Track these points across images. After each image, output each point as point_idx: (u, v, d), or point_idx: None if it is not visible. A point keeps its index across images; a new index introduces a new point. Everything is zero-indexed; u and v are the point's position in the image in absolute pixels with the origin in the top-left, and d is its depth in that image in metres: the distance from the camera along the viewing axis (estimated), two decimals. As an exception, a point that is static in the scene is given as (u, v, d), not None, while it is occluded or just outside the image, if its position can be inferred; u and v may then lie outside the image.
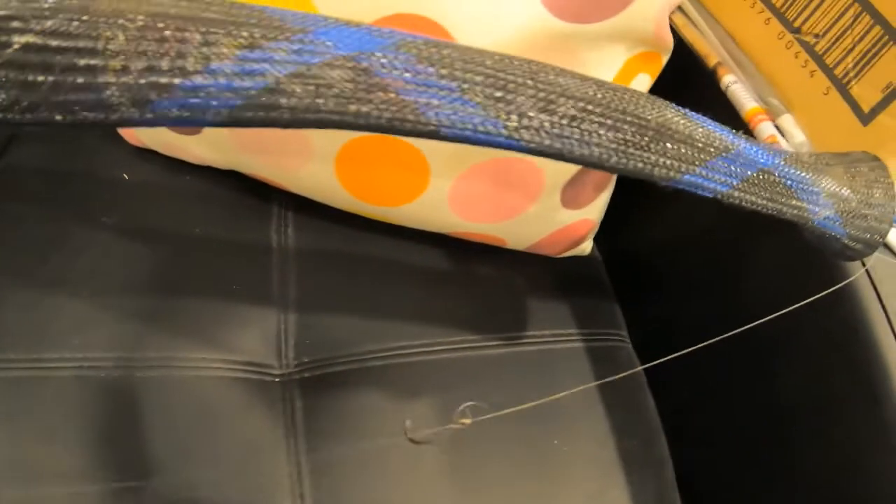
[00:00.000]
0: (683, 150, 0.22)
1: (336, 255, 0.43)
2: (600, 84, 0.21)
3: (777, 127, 0.37)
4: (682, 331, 0.47)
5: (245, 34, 0.15)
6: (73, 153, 0.47)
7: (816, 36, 0.37)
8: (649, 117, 0.22)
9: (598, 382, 0.40)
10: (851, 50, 0.36)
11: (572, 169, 0.39)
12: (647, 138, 0.21)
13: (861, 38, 0.36)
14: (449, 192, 0.38)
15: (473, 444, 0.37)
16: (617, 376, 0.33)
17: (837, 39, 0.36)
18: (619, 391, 0.44)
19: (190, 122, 0.18)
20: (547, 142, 0.19)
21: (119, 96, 0.16)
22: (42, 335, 0.36)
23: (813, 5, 0.37)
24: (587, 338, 0.44)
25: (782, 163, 0.26)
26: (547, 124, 0.19)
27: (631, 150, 0.20)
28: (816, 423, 0.37)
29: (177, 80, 0.15)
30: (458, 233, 0.43)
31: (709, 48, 0.41)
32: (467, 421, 0.24)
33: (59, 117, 0.16)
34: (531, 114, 0.19)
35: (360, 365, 0.39)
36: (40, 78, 0.16)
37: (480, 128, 0.18)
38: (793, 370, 0.38)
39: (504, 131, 0.19)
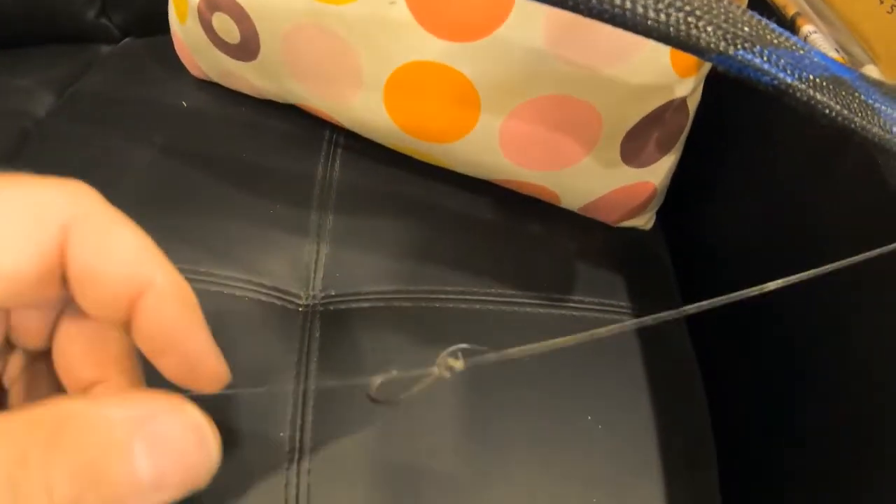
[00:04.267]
0: (739, 27, 0.19)
1: (379, 195, 0.42)
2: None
3: (861, 79, 0.33)
4: (746, 324, 0.42)
5: None
6: (137, 82, 0.49)
7: (914, -21, 0.33)
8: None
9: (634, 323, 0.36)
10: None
11: (633, 117, 0.36)
12: (691, 6, 0.18)
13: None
14: (500, 129, 0.36)
15: (493, 404, 0.34)
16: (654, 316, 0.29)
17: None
18: (670, 380, 0.40)
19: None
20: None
21: None
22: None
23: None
24: (635, 314, 0.41)
25: (860, 79, 0.22)
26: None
27: (672, 10, 0.18)
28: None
29: None
30: (508, 181, 0.40)
31: (787, -3, 0.37)
32: (459, 364, 0.19)
33: None
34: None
35: (386, 304, 0.37)
36: None
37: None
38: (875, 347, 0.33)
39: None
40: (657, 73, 0.34)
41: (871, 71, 0.33)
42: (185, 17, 0.42)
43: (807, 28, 0.36)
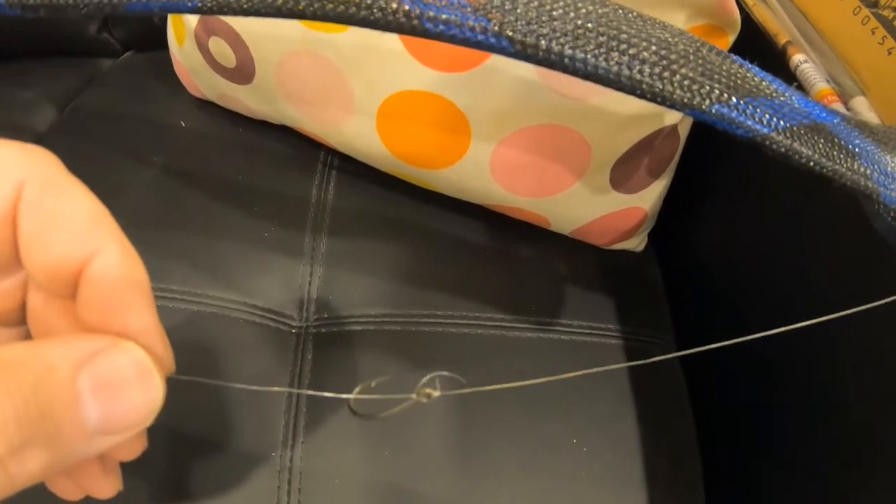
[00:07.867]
0: (715, 80, 0.19)
1: (373, 218, 0.42)
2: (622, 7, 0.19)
3: (849, 109, 0.33)
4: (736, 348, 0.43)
5: None
6: (137, 100, 0.49)
7: (896, 9, 0.33)
8: (676, 41, 0.19)
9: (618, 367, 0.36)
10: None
11: (623, 145, 0.36)
12: (667, 60, 0.19)
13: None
14: (490, 157, 0.37)
15: (481, 425, 0.35)
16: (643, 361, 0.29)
17: (928, 17, 0.32)
18: (656, 402, 0.40)
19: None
20: (542, 43, 0.17)
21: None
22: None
23: (904, -20, 0.33)
24: (626, 336, 0.41)
25: (842, 122, 0.22)
26: (545, 29, 0.17)
27: (645, 66, 0.18)
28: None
29: None
30: (499, 206, 0.41)
31: (779, 26, 0.37)
32: (436, 393, 0.20)
33: None
34: (529, 17, 0.17)
35: (377, 327, 0.37)
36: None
37: (466, 23, 0.17)
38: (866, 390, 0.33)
39: (491, 27, 0.17)
40: (647, 102, 0.34)
41: (861, 103, 0.33)
42: (183, 39, 0.43)
43: (797, 57, 0.36)
